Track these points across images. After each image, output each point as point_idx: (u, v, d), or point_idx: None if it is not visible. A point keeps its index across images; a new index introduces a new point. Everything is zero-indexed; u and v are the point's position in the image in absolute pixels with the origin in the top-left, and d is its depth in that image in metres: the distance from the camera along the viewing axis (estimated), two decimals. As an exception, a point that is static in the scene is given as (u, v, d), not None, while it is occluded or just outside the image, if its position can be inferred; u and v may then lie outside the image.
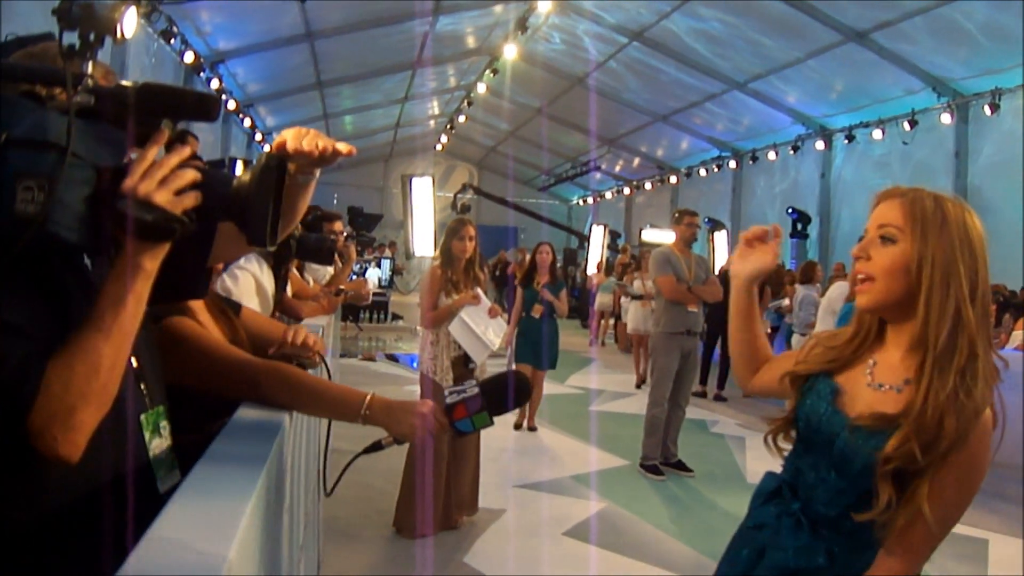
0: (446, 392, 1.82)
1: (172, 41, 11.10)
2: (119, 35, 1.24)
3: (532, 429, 7.96)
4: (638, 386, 11.05)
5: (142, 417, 1.44)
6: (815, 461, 1.83)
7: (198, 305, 2.04)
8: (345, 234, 6.16)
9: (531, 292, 7.90)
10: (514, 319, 7.92)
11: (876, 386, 1.76)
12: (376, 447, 1.83)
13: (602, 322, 15.71)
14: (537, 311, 7.81)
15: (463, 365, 5.27)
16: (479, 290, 5.38)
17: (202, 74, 12.69)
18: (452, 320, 5.18)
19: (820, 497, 1.81)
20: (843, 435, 1.74)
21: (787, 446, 1.95)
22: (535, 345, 7.84)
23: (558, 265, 8.30)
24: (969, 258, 1.66)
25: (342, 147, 1.64)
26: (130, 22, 1.25)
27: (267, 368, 1.87)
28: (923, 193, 1.72)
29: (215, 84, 13.14)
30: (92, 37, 1.24)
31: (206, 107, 1.32)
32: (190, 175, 1.26)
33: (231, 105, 14.48)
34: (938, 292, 1.64)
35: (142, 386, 1.45)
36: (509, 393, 1.82)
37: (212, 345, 1.86)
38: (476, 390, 1.79)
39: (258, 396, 1.81)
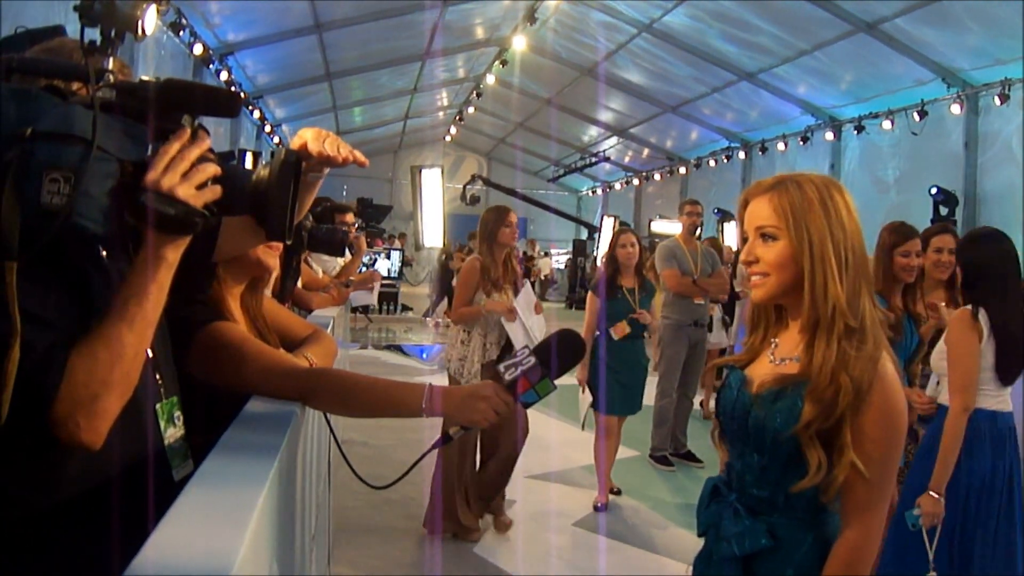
0: (501, 368, 1.73)
1: (181, 33, 11.09)
2: (140, 32, 1.27)
3: (616, 492, 5.88)
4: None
5: (157, 406, 1.46)
6: (740, 449, 1.90)
7: (234, 303, 2.02)
8: (356, 226, 6.19)
9: (622, 304, 5.56)
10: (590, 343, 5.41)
11: (777, 361, 1.86)
12: (446, 439, 1.80)
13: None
14: (619, 331, 5.47)
15: (492, 369, 5.07)
16: (520, 301, 5.10)
17: (211, 66, 12.65)
18: (508, 323, 4.98)
19: (750, 482, 1.87)
20: (752, 411, 1.82)
21: None
22: (632, 387, 5.58)
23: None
24: (840, 233, 1.76)
25: (360, 157, 1.69)
26: (151, 19, 1.28)
27: (316, 376, 1.87)
28: (786, 183, 1.81)
29: (224, 76, 13.10)
30: (113, 34, 1.26)
31: (227, 103, 1.34)
32: (211, 169, 1.29)
33: (240, 97, 14.48)
34: (819, 273, 1.74)
35: (157, 376, 1.48)
36: (553, 352, 1.73)
37: (259, 353, 1.81)
38: (532, 359, 1.71)
39: (309, 404, 1.81)
